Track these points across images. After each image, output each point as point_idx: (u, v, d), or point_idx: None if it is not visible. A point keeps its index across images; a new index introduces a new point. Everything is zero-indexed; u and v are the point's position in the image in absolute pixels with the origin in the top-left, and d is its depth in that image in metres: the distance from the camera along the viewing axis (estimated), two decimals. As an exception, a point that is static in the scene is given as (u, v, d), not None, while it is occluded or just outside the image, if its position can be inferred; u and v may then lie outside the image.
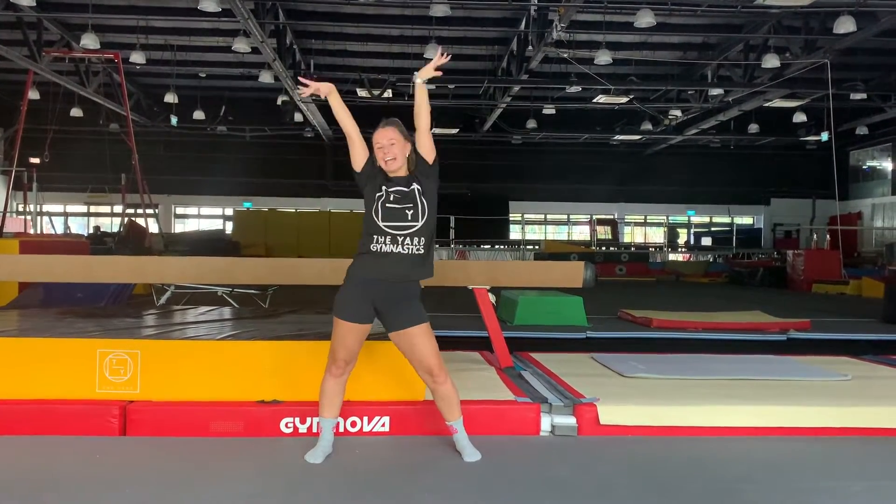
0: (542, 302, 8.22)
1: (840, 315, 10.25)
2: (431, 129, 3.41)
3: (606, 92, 18.43)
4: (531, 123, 23.52)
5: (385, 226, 3.27)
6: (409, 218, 3.27)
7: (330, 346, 3.37)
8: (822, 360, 5.62)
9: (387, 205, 3.28)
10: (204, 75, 20.82)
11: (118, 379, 3.84)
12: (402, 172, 3.35)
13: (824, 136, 21.07)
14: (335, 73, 19.74)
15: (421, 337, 3.31)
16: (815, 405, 3.99)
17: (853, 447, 3.68)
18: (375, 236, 3.28)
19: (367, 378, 3.50)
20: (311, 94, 3.41)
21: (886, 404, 4.05)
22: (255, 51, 15.52)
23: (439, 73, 3.31)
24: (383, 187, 3.31)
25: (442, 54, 3.35)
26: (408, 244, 3.27)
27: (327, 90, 3.40)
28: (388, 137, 3.32)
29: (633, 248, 26.77)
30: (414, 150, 3.36)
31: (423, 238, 3.29)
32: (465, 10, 15.44)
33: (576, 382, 4.41)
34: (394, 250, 3.26)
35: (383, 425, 3.76)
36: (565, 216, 29.68)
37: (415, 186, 3.31)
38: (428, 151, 3.34)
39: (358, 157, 3.39)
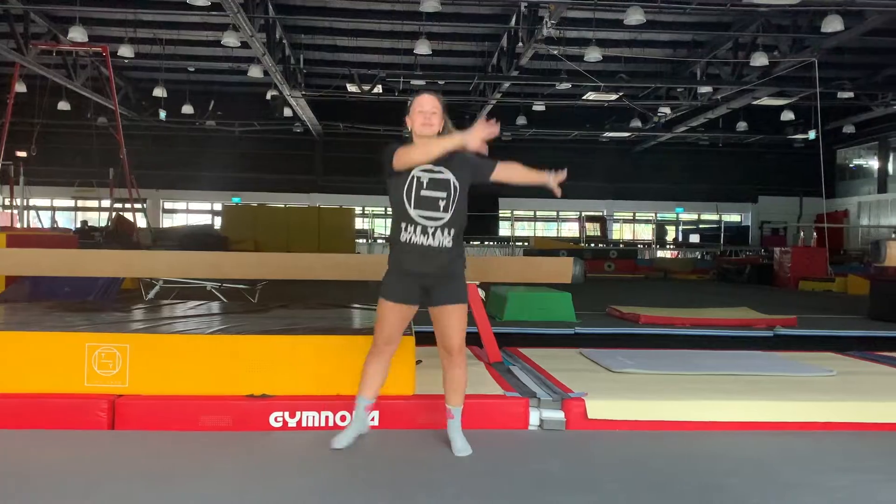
0: (531, 298, 8.25)
1: (826, 312, 10.34)
2: None
3: (596, 89, 18.49)
4: (521, 120, 23.55)
5: (416, 214, 3.21)
6: (441, 208, 3.22)
7: (375, 326, 3.40)
8: (808, 356, 5.67)
9: (421, 192, 3.22)
10: (193, 69, 20.73)
11: (107, 373, 3.83)
12: None
13: (812, 135, 21.22)
14: (325, 69, 19.71)
15: (455, 315, 3.32)
16: (801, 400, 4.03)
17: (838, 441, 3.72)
18: (404, 224, 3.23)
19: (356, 373, 3.51)
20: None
21: (870, 399, 4.10)
22: (244, 45, 15.46)
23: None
24: (413, 172, 3.23)
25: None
26: (438, 236, 3.21)
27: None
28: (434, 105, 3.30)
29: (621, 245, 26.84)
30: (447, 128, 3.33)
31: (452, 229, 3.24)
32: (455, 6, 15.47)
33: (564, 377, 4.44)
34: (423, 243, 3.20)
35: (373, 419, 3.76)
36: (554, 213, 29.73)
37: (449, 175, 3.26)
38: (492, 179, 3.42)
39: (407, 162, 3.25)
